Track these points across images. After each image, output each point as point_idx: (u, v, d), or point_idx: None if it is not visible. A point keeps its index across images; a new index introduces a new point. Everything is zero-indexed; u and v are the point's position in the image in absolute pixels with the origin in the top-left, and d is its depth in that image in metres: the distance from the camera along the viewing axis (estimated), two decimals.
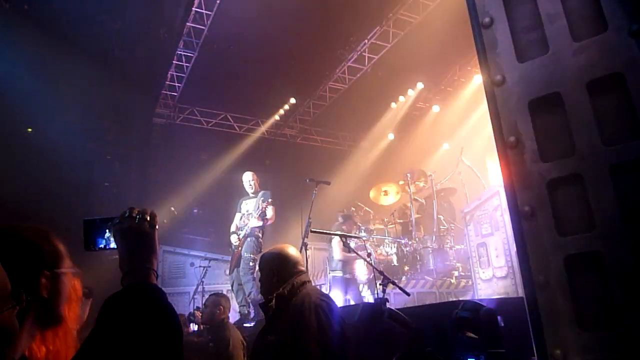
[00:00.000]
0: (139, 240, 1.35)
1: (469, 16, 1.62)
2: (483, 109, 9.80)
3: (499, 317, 2.96)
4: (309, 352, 2.62)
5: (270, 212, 7.05)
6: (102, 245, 1.46)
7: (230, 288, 7.36)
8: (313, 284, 3.25)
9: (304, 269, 3.22)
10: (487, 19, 1.55)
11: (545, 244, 1.35)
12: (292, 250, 3.27)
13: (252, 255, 6.83)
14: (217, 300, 5.33)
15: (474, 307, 3.02)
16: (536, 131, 1.41)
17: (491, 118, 1.51)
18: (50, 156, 8.58)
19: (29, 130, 9.35)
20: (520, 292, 5.77)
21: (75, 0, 8.15)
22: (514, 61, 1.48)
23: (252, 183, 7.35)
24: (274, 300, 2.96)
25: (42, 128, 8.93)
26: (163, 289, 1.31)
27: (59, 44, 8.23)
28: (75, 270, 1.45)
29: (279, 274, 3.06)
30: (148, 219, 1.37)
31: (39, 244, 1.35)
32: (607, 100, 1.32)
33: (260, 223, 6.97)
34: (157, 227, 1.39)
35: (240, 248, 6.93)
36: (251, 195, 7.33)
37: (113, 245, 1.41)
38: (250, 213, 7.11)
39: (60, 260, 1.39)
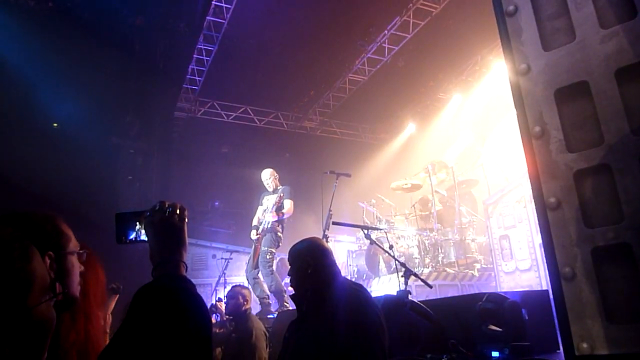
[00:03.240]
0: (169, 233, 1.38)
1: (493, 4, 1.59)
2: (506, 98, 9.66)
3: (523, 310, 2.93)
4: (349, 340, 2.64)
5: (287, 204, 7.06)
6: (132, 238, 1.50)
7: (247, 281, 7.40)
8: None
9: (334, 259, 3.24)
10: (511, 7, 1.52)
11: (571, 236, 1.32)
12: (323, 242, 3.28)
13: (269, 249, 6.88)
14: (240, 292, 5.39)
15: (499, 299, 3.00)
16: (562, 121, 1.38)
17: (516, 108, 1.48)
18: (75, 151, 8.76)
19: (55, 125, 9.55)
20: (544, 285, 5.70)
21: None
22: (539, 49, 1.45)
23: (269, 182, 7.37)
24: (310, 292, 2.98)
25: (67, 123, 9.12)
26: None
27: (82, 40, 8.37)
28: (82, 251, 1.47)
29: (314, 266, 3.07)
30: (178, 212, 1.40)
31: (41, 226, 1.37)
32: (637, 88, 1.29)
33: (276, 217, 6.95)
34: (186, 220, 1.42)
35: (259, 243, 6.98)
36: (272, 192, 7.35)
37: (144, 237, 1.45)
38: (269, 207, 7.14)
39: (66, 241, 1.41)
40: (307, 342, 2.82)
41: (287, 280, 3.47)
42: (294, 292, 3.18)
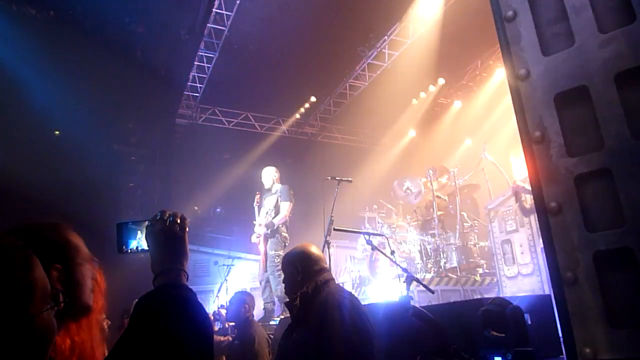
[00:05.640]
0: (170, 242, 1.38)
1: (492, 10, 1.59)
2: (506, 103, 9.67)
3: (526, 315, 2.93)
4: (334, 349, 2.63)
5: (284, 208, 7.06)
6: (133, 247, 1.50)
7: (259, 285, 7.41)
8: (336, 282, 3.26)
9: (326, 266, 3.23)
10: (510, 12, 1.52)
11: (573, 241, 1.32)
12: (314, 249, 3.28)
13: (276, 252, 6.88)
14: (242, 298, 5.36)
15: (501, 302, 3.00)
16: (562, 126, 1.38)
17: (516, 113, 1.48)
18: (77, 158, 8.78)
19: (57, 132, 9.58)
20: (547, 290, 5.68)
21: (99, 3, 8.30)
22: (538, 55, 1.45)
23: (267, 179, 7.38)
24: (299, 299, 2.98)
25: (69, 131, 9.15)
26: None
27: (84, 48, 8.41)
28: (93, 260, 1.46)
29: (302, 273, 3.08)
30: (178, 221, 1.41)
31: (46, 237, 1.35)
32: (636, 92, 1.29)
33: (267, 230, 6.95)
34: (187, 229, 1.42)
35: (265, 246, 6.99)
36: (269, 190, 7.36)
37: (145, 247, 1.45)
38: (270, 209, 7.14)
39: (74, 251, 1.40)
40: (297, 349, 2.82)
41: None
42: (287, 299, 3.20)
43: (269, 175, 7.41)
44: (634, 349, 1.21)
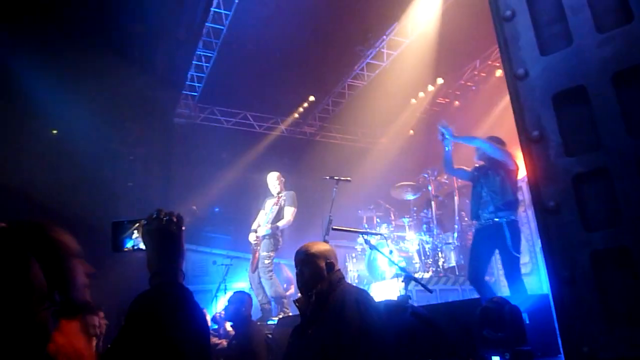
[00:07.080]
0: (166, 241, 1.38)
1: (490, 9, 1.60)
2: (504, 103, 9.68)
3: (524, 314, 2.94)
4: (353, 345, 2.65)
5: (288, 213, 7.03)
6: (130, 246, 1.49)
7: (250, 286, 7.39)
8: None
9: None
10: (508, 12, 1.53)
11: (570, 240, 1.32)
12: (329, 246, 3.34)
13: (267, 254, 6.84)
14: (241, 298, 5.37)
15: (500, 301, 3.01)
16: (560, 125, 1.38)
17: (514, 112, 1.49)
18: (74, 157, 8.78)
19: (54, 131, 9.56)
20: (545, 289, 5.69)
21: (97, 2, 8.29)
22: (536, 54, 1.45)
23: (275, 184, 7.33)
24: (314, 296, 2.98)
25: (67, 130, 9.14)
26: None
27: (81, 46, 8.40)
28: (81, 259, 1.45)
29: (332, 266, 3.11)
30: (175, 220, 1.41)
31: (34, 235, 1.34)
32: (634, 92, 1.29)
33: (270, 231, 6.89)
34: (183, 228, 1.42)
35: (258, 247, 6.96)
36: (275, 195, 7.32)
37: (141, 246, 1.45)
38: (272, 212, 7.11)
39: (59, 248, 1.39)
40: (313, 348, 2.82)
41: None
42: (300, 294, 3.16)
43: (274, 180, 7.34)
44: (631, 348, 1.21)
